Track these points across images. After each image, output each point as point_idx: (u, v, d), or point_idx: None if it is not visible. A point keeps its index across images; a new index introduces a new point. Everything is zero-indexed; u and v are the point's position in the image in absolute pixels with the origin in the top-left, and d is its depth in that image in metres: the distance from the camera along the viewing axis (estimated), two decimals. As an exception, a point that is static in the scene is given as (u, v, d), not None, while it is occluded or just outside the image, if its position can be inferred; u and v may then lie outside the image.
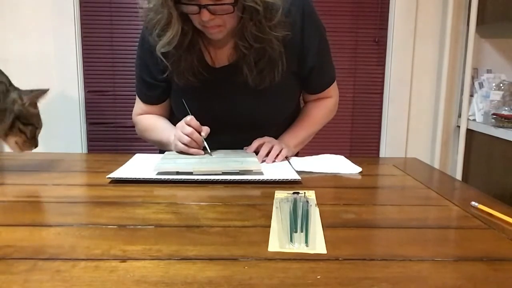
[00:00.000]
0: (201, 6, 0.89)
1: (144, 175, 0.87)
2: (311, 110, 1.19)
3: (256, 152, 1.03)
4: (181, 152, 1.02)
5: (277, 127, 1.15)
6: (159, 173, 0.87)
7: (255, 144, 1.04)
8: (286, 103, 1.14)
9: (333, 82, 1.18)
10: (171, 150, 1.07)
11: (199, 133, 1.00)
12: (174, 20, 0.94)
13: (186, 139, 1.00)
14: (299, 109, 1.23)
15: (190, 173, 0.87)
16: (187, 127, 1.00)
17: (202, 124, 1.01)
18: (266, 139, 1.06)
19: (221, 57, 1.06)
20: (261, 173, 0.88)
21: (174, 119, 1.13)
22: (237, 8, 0.91)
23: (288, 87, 1.11)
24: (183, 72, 1.03)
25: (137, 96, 1.18)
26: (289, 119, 1.18)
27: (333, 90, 1.19)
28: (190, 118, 1.00)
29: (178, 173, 0.87)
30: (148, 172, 0.89)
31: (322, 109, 1.19)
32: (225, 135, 1.07)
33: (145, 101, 1.16)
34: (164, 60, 1.01)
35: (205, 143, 1.01)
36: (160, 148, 1.18)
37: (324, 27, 1.09)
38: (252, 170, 0.88)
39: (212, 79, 1.05)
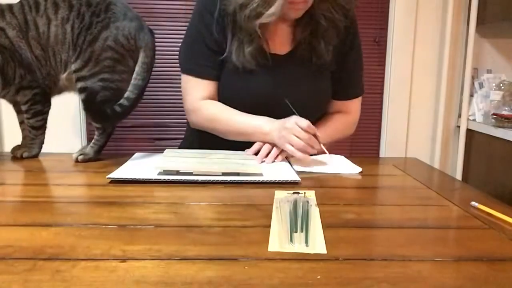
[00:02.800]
0: None
1: (144, 175, 0.87)
2: (330, 121, 1.16)
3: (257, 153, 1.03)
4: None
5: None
6: (160, 173, 0.87)
7: (256, 145, 1.04)
8: (326, 101, 1.16)
9: (359, 96, 1.19)
10: (251, 139, 1.05)
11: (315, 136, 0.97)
12: None
13: (302, 145, 0.95)
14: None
15: (190, 173, 0.87)
16: (304, 133, 0.95)
17: (244, 106, 1.04)
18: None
19: (282, 42, 1.09)
20: (260, 175, 0.88)
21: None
22: None
23: (328, 83, 1.13)
24: (246, 54, 1.03)
25: (190, 82, 1.09)
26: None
27: (356, 106, 1.19)
28: (307, 124, 0.95)
29: (178, 172, 0.87)
30: (148, 171, 0.89)
31: (340, 124, 1.17)
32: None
33: (204, 73, 1.07)
34: (258, 30, 1.00)
35: (322, 146, 0.98)
36: (231, 137, 1.09)
37: (361, 43, 1.15)
38: (251, 172, 0.88)
39: (267, 69, 1.06)
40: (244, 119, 1.06)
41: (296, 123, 0.96)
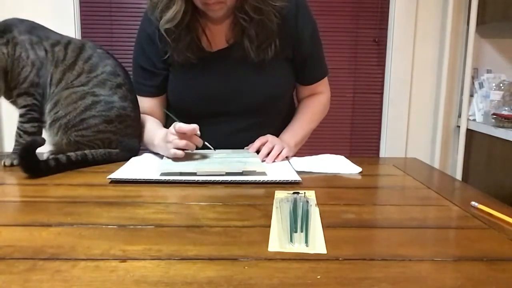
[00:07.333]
0: None
1: (145, 175, 0.86)
2: (307, 108, 1.21)
3: (258, 151, 1.03)
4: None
5: (273, 120, 1.15)
6: (162, 174, 0.87)
7: (257, 143, 1.05)
8: (282, 89, 1.15)
9: (326, 76, 1.21)
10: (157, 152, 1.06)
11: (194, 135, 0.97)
12: None
13: (185, 143, 0.95)
14: (294, 106, 1.25)
15: (194, 174, 0.87)
16: (181, 142, 0.95)
17: (201, 109, 1.02)
18: (269, 137, 1.06)
19: (219, 38, 1.08)
20: (264, 174, 0.88)
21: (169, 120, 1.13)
22: None
23: (284, 72, 1.13)
24: (182, 50, 1.04)
25: None
26: (284, 116, 1.19)
27: (325, 86, 1.23)
28: (186, 127, 0.94)
29: (181, 173, 0.87)
30: (149, 172, 0.89)
31: (317, 105, 1.22)
32: (223, 123, 1.08)
33: (142, 91, 1.13)
34: (166, 36, 1.02)
35: (206, 142, 1.01)
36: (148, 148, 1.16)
37: (315, 21, 1.12)
38: (255, 171, 0.88)
39: (210, 62, 1.07)
40: (149, 135, 1.09)
41: (170, 134, 0.97)
